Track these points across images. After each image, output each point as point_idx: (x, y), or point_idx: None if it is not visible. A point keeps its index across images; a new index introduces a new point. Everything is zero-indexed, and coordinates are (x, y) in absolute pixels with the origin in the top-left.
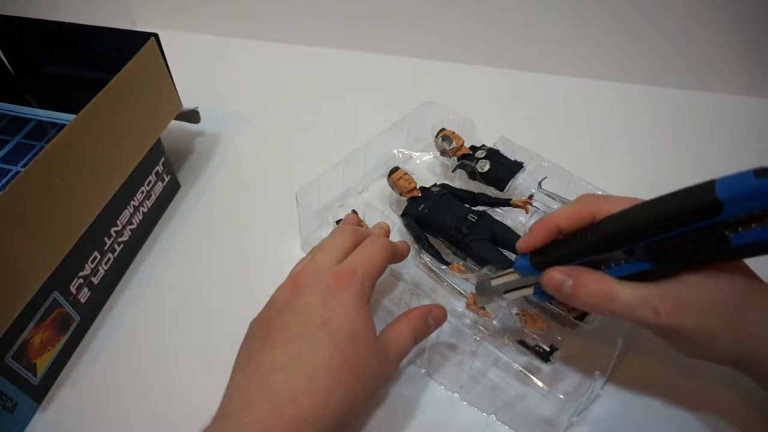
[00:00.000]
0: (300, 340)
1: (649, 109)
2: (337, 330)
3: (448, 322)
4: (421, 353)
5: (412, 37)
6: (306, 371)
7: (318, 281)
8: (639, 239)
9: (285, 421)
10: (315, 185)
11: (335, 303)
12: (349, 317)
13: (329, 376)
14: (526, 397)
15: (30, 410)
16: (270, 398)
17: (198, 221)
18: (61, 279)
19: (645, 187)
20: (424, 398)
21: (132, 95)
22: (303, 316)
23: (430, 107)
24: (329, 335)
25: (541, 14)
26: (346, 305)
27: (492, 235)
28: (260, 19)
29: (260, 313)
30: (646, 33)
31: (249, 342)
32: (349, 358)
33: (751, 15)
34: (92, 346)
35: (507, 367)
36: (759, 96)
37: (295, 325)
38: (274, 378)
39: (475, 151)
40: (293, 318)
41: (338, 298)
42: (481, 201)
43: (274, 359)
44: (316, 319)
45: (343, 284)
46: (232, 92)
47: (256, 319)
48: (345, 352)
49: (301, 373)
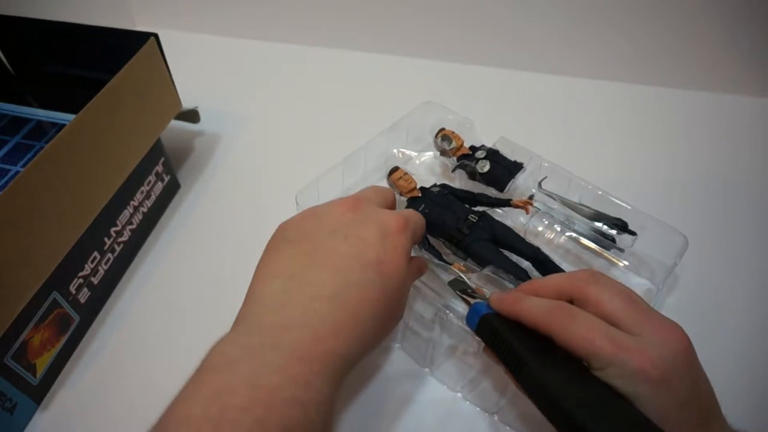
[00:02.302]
0: (350, 273)
1: (649, 109)
2: (387, 276)
3: (450, 322)
4: (423, 352)
5: (412, 36)
6: (351, 308)
7: (377, 215)
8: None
9: (322, 353)
10: (315, 186)
11: (391, 246)
12: (400, 267)
13: (371, 320)
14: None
15: (30, 410)
16: (312, 326)
17: (198, 221)
18: (61, 279)
19: (644, 187)
20: (427, 397)
21: (132, 95)
22: (357, 249)
23: (429, 107)
24: (381, 279)
25: (541, 14)
26: (399, 252)
27: (493, 235)
28: (260, 19)
29: (302, 219)
30: (646, 33)
31: (288, 247)
32: (391, 305)
33: (751, 15)
34: (92, 346)
35: None
36: (759, 96)
37: (348, 256)
38: (320, 306)
39: (475, 151)
40: (347, 247)
41: (395, 242)
42: (481, 201)
43: (321, 285)
44: (371, 257)
45: (402, 229)
46: (232, 92)
47: (296, 223)
48: (389, 300)
49: (347, 309)
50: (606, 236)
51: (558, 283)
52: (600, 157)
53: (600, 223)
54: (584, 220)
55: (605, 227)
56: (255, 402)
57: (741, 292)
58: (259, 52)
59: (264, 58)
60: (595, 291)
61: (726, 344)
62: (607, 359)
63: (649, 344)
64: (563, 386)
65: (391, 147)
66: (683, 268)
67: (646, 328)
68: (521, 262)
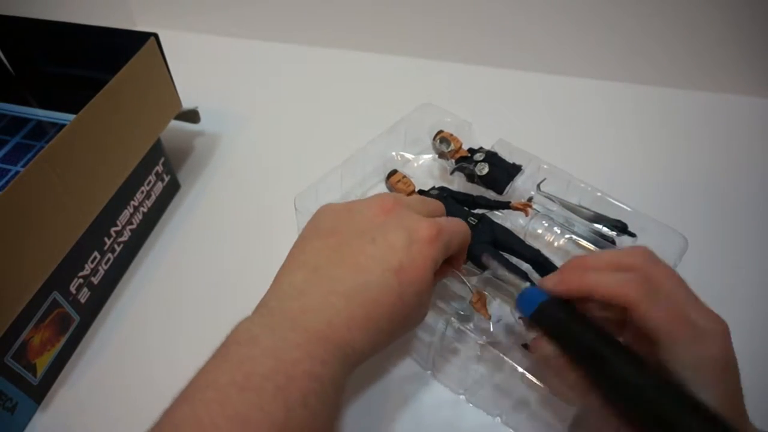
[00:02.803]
0: (370, 274)
1: (648, 109)
2: (407, 283)
3: (451, 326)
4: (426, 356)
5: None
6: (366, 308)
7: (409, 221)
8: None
9: (336, 339)
10: (314, 190)
11: (417, 254)
12: (423, 276)
13: (384, 321)
14: (531, 401)
15: (30, 410)
16: (327, 315)
17: (197, 221)
18: (61, 279)
19: (644, 187)
20: (431, 400)
21: (132, 95)
22: (382, 253)
23: (427, 109)
24: (399, 284)
25: (538, 13)
26: (424, 261)
27: (493, 238)
28: (260, 19)
29: (338, 212)
30: (645, 32)
31: (318, 239)
32: (407, 311)
33: (751, 15)
34: (92, 346)
35: (512, 371)
36: (759, 96)
37: (371, 257)
38: (335, 300)
39: (474, 153)
40: (373, 249)
41: (421, 250)
42: (480, 204)
43: (341, 281)
44: (394, 262)
45: (432, 238)
46: (232, 92)
47: (332, 214)
48: (406, 306)
49: (362, 308)
50: (606, 238)
51: (613, 259)
52: (599, 158)
53: (599, 224)
54: (584, 222)
55: (605, 229)
56: (277, 372)
57: (741, 293)
58: (259, 52)
59: (264, 58)
60: (656, 271)
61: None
62: (684, 342)
63: (714, 331)
64: (644, 377)
65: (389, 150)
66: (683, 269)
67: (702, 315)
68: (521, 265)
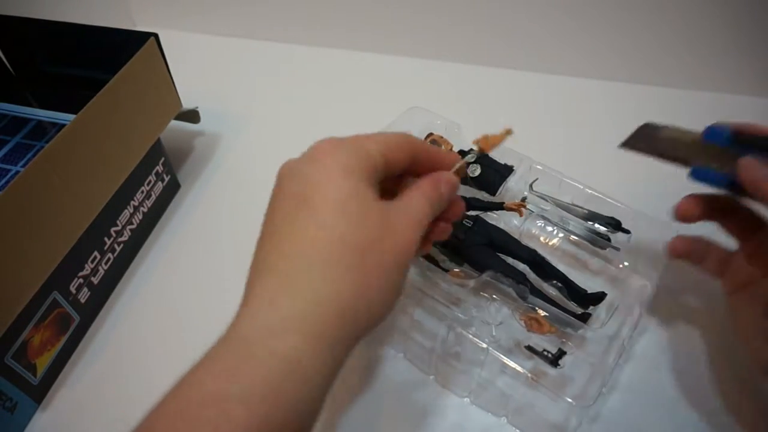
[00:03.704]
0: (280, 234)
1: (644, 108)
2: (319, 204)
3: (452, 330)
4: (428, 361)
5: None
6: (294, 271)
7: (301, 158)
8: None
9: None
10: None
11: (311, 171)
12: (334, 184)
13: (325, 267)
14: (536, 402)
15: (30, 410)
16: (268, 295)
17: (198, 221)
18: (61, 279)
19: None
20: (436, 404)
21: (132, 95)
22: (277, 202)
23: (415, 112)
24: (310, 214)
25: (528, 11)
26: (327, 171)
27: (489, 239)
28: (260, 19)
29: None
30: (642, 31)
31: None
32: (339, 235)
33: (751, 15)
34: (92, 346)
35: (515, 373)
36: (759, 96)
37: (274, 218)
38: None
39: (464, 155)
40: (271, 209)
41: (316, 165)
42: (474, 205)
43: (266, 261)
44: (289, 199)
45: (327, 151)
46: (232, 92)
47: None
48: (335, 230)
49: (291, 276)
50: (601, 235)
51: None
52: (591, 158)
53: (593, 222)
54: (578, 221)
55: (599, 226)
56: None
57: None
58: (259, 52)
59: (264, 58)
60: None
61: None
62: None
63: None
64: None
65: None
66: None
67: None
68: (517, 265)
